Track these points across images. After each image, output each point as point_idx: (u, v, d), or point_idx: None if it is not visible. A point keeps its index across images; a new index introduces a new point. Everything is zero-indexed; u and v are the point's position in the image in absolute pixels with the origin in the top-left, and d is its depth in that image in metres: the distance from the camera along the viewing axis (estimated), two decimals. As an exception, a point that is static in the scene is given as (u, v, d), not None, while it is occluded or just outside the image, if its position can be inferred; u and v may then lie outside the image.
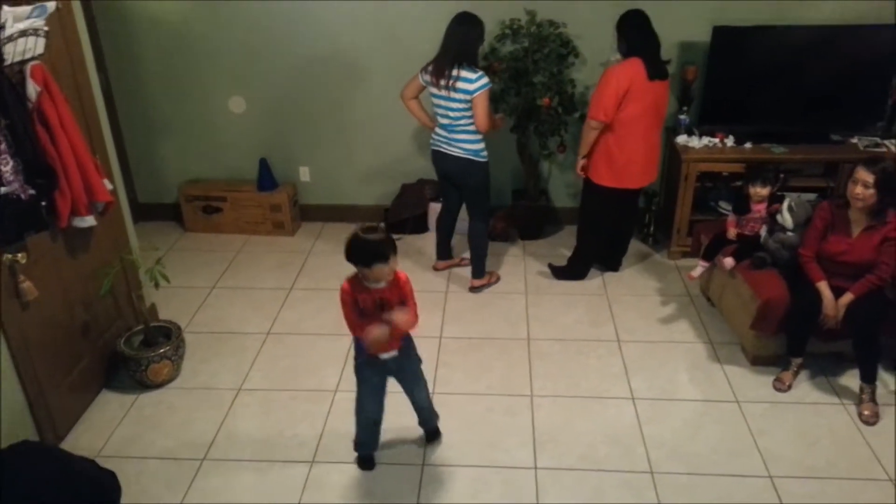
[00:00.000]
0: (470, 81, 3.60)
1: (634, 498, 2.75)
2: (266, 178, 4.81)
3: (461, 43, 3.60)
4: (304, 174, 4.97)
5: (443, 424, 3.11)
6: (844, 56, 4.13)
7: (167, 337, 3.42)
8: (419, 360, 2.83)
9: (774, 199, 3.59)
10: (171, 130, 4.84)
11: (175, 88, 4.69)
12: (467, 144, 3.80)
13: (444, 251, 4.38)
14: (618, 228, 4.23)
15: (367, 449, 2.90)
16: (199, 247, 4.75)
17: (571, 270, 4.28)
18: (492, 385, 3.39)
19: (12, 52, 2.56)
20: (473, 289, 4.18)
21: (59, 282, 3.02)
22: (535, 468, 2.90)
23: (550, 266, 4.35)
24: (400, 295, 2.57)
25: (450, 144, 3.83)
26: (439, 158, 3.94)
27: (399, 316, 2.51)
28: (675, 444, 3.01)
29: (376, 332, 2.49)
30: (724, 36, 4.11)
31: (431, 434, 3.04)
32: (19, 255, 2.70)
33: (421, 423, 3.01)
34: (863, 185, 3.02)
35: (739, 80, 4.22)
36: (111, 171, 3.37)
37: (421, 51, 4.40)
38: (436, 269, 4.40)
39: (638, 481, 2.83)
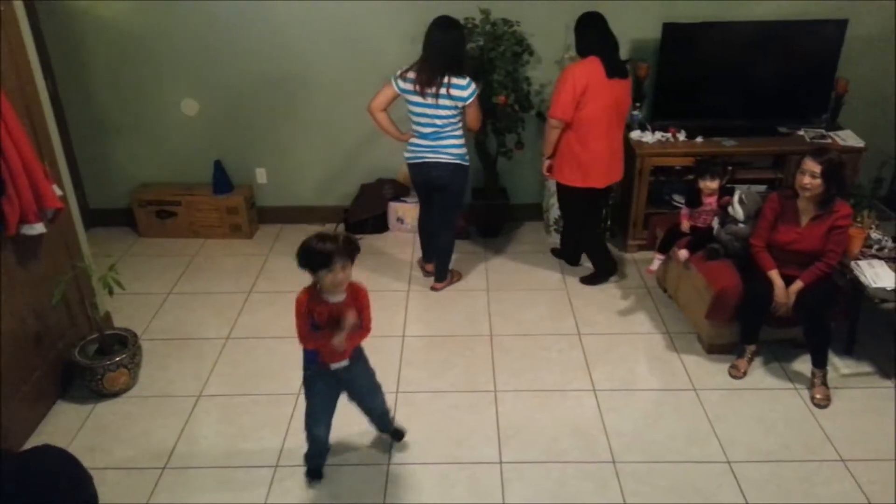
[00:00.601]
0: (463, 88, 3.60)
1: (597, 488, 2.80)
2: (221, 181, 4.74)
3: (453, 49, 3.58)
4: (261, 176, 4.91)
5: (407, 423, 3.11)
6: (790, 51, 4.25)
7: (123, 345, 3.35)
8: (373, 372, 2.80)
9: (725, 192, 3.69)
10: (122, 134, 4.73)
11: (125, 91, 4.59)
12: (455, 149, 3.77)
13: (431, 252, 4.33)
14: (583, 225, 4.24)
15: (317, 462, 2.85)
16: (153, 252, 4.66)
17: (599, 273, 4.23)
18: (455, 382, 3.40)
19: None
20: (435, 290, 4.18)
21: (9, 291, 2.93)
22: (501, 463, 2.92)
23: (581, 279, 4.25)
24: (358, 308, 2.52)
25: (436, 152, 3.77)
26: (423, 169, 3.84)
27: (349, 321, 2.44)
28: (636, 433, 3.07)
29: (335, 340, 2.46)
30: (674, 32, 4.20)
31: (397, 434, 3.03)
32: (-35, 264, 2.62)
33: (382, 429, 3.00)
34: (810, 175, 3.12)
35: (689, 75, 4.32)
36: (60, 177, 3.29)
37: (376, 50, 4.41)
38: (427, 271, 4.32)
39: (600, 471, 2.87)
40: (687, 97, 4.40)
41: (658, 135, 4.35)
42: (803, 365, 3.42)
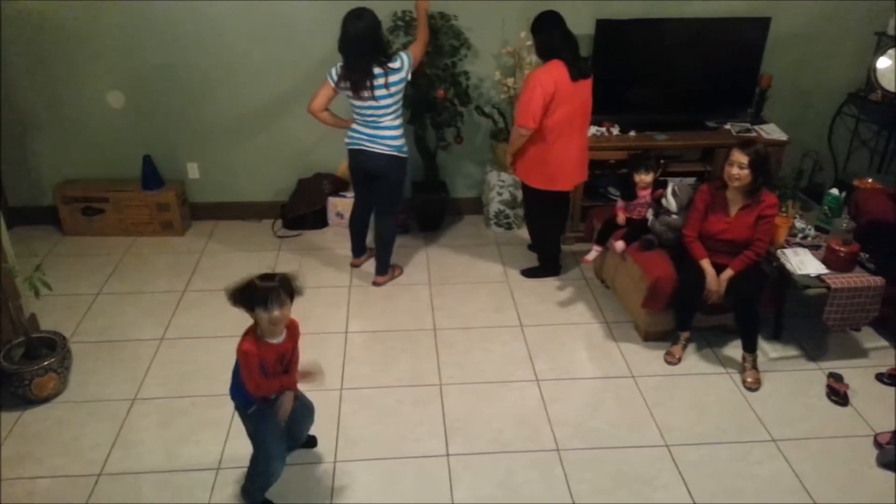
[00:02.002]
0: (399, 71, 3.58)
1: (543, 476, 2.84)
2: (151, 177, 4.58)
3: (372, 35, 3.53)
4: (193, 171, 4.76)
5: (353, 419, 3.10)
6: (717, 47, 4.41)
7: (51, 348, 3.20)
8: (306, 399, 2.76)
9: (658, 185, 3.80)
10: (43, 128, 4.50)
11: (45, 83, 4.36)
12: (392, 140, 3.74)
13: (360, 248, 4.31)
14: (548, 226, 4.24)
15: (261, 498, 2.68)
16: (80, 251, 4.46)
17: (545, 269, 4.26)
18: (400, 377, 3.40)
19: None
20: (378, 284, 4.16)
21: (-78, 295, 2.76)
22: (447, 455, 2.93)
23: (523, 272, 4.28)
24: (294, 345, 2.49)
25: (373, 142, 3.74)
26: (361, 157, 3.81)
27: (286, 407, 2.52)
28: (578, 421, 3.14)
29: (287, 406, 2.51)
30: (607, 29, 4.28)
31: (311, 441, 2.95)
32: None
33: (294, 447, 2.88)
34: (738, 166, 3.24)
35: (622, 71, 4.43)
36: (-22, 173, 3.11)
37: (307, 41, 4.33)
38: (354, 265, 4.33)
39: (546, 459, 2.92)
40: (620, 92, 4.50)
41: (593, 129, 4.43)
42: (734, 350, 3.56)
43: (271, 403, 2.51)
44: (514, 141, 3.82)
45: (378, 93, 3.58)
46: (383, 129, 3.72)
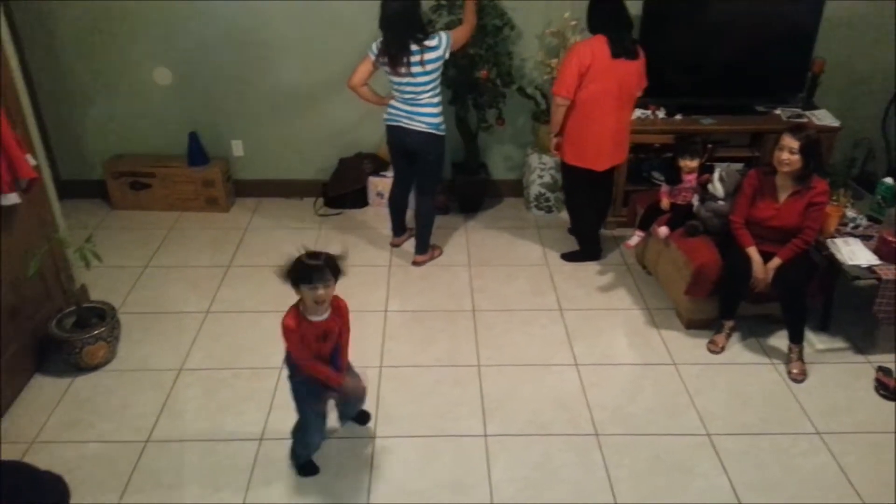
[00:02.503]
0: (437, 49, 3.57)
1: (580, 459, 2.84)
2: (197, 153, 4.65)
3: (410, 13, 3.53)
4: (237, 148, 4.82)
5: (392, 397, 3.13)
6: (768, 29, 4.28)
7: (101, 318, 3.29)
8: (357, 374, 2.74)
9: (704, 170, 3.73)
10: (94, 104, 4.60)
11: (95, 59, 4.45)
12: (429, 118, 3.75)
13: (399, 227, 4.33)
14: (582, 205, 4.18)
15: (308, 458, 2.76)
16: (128, 225, 4.57)
17: (584, 253, 4.23)
18: (439, 357, 3.41)
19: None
20: (417, 264, 4.18)
21: (-19, 263, 2.86)
22: (485, 435, 2.95)
23: (563, 256, 4.25)
24: (340, 324, 2.51)
25: (411, 119, 3.76)
26: (399, 133, 3.84)
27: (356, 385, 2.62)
28: (617, 406, 3.12)
29: (347, 385, 2.56)
30: (655, 8, 4.19)
31: (363, 417, 2.99)
32: (-63, 234, 2.54)
33: (346, 419, 2.95)
34: (788, 151, 3.16)
35: (669, 52, 4.32)
36: (33, 146, 3.19)
37: (352, 21, 4.32)
38: (394, 245, 4.35)
39: (583, 443, 2.92)
40: (666, 74, 4.40)
41: (638, 112, 4.36)
42: (780, 340, 3.49)
43: (315, 381, 2.53)
44: (552, 112, 3.82)
45: (414, 69, 3.58)
46: (421, 105, 3.72)
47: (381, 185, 4.75)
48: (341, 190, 4.77)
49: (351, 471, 2.78)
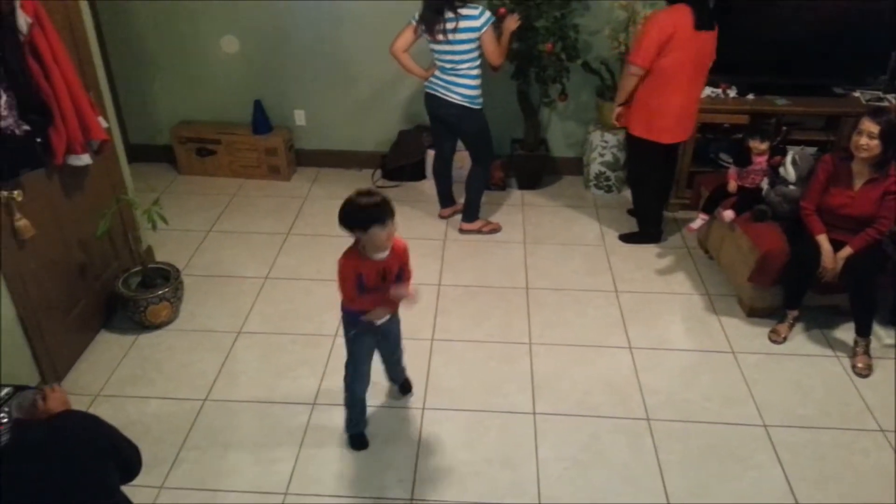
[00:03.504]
0: (475, 18, 3.52)
1: (631, 443, 2.80)
2: (261, 121, 4.72)
3: None
4: (300, 118, 4.88)
5: (442, 370, 3.14)
6: (850, 8, 4.05)
7: (165, 279, 3.40)
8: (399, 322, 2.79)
9: (776, 152, 3.58)
10: (163, 70, 4.71)
11: (165, 25, 4.55)
12: (465, 90, 3.74)
13: (446, 198, 4.35)
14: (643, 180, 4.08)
15: (359, 427, 2.80)
16: (193, 190, 4.69)
17: (644, 235, 4.15)
18: (490, 332, 3.41)
19: (3, -18, 2.46)
20: (463, 231, 4.17)
21: (55, 221, 2.97)
22: (534, 413, 2.94)
23: (621, 237, 4.17)
24: (400, 263, 2.52)
25: (447, 89, 3.77)
26: (433, 102, 3.88)
27: (401, 291, 2.51)
28: (671, 392, 3.06)
29: (380, 311, 2.52)
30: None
31: (405, 386, 3.02)
32: (15, 192, 2.64)
33: (393, 378, 3.00)
34: (868, 135, 3.01)
35: (744, 29, 4.13)
36: (105, 109, 3.29)
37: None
38: (441, 216, 4.37)
39: (634, 427, 2.88)
40: (740, 52, 4.22)
41: (708, 90, 4.21)
42: (845, 333, 3.36)
43: (370, 329, 2.58)
44: (623, 81, 3.70)
45: (448, 36, 3.56)
46: (459, 76, 3.71)
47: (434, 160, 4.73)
48: (400, 162, 4.78)
49: (399, 439, 2.81)
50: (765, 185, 3.57)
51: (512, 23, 3.76)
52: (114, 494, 1.77)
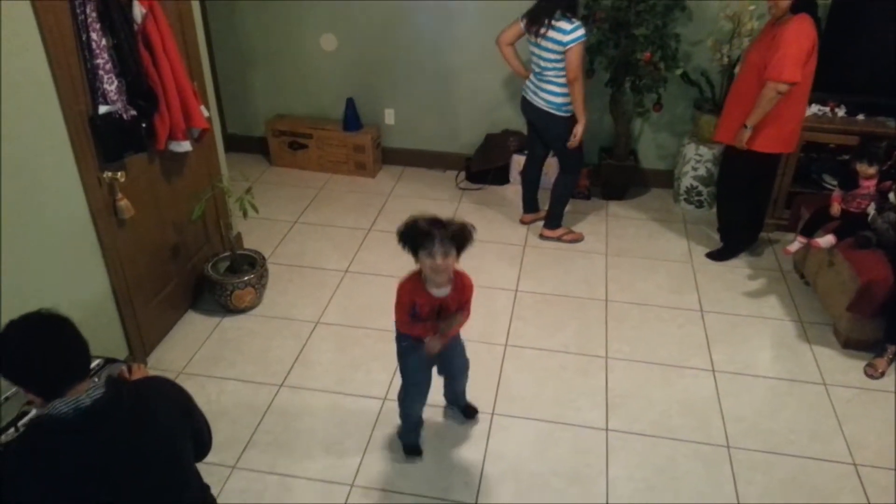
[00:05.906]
0: (564, 32, 3.48)
1: (708, 470, 2.68)
2: (352, 118, 4.81)
3: None
4: (389, 117, 4.94)
5: (514, 376, 3.10)
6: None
7: (251, 265, 3.50)
8: (464, 346, 2.67)
9: (886, 177, 3.36)
10: (263, 64, 4.87)
11: (269, 21, 4.70)
12: (550, 97, 3.71)
13: (530, 204, 4.31)
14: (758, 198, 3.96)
15: (409, 439, 2.74)
16: (283, 181, 4.82)
17: (734, 245, 4.02)
18: (566, 343, 3.34)
19: (122, -28, 2.59)
20: (543, 237, 4.13)
21: (153, 203, 3.11)
22: (606, 430, 2.86)
23: (709, 254, 4.04)
24: (460, 301, 2.36)
25: (535, 93, 3.78)
26: (525, 105, 3.91)
27: (433, 343, 2.36)
28: (755, 420, 2.91)
29: (433, 343, 2.37)
30: (848, -4, 3.80)
31: (469, 411, 2.90)
32: (118, 173, 2.78)
33: (453, 403, 2.90)
34: None
35: (858, 45, 3.90)
36: (208, 99, 3.42)
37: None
38: (522, 222, 4.34)
39: (713, 454, 2.75)
40: (852, 69, 3.99)
41: (815, 108, 3.99)
42: (953, 374, 3.12)
43: (420, 347, 2.43)
44: (764, 101, 3.39)
45: (542, 31, 3.55)
46: (546, 82, 3.70)
47: (524, 163, 4.68)
48: (485, 165, 4.76)
49: (466, 444, 2.79)
50: (871, 210, 3.35)
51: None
52: (189, 468, 1.82)
